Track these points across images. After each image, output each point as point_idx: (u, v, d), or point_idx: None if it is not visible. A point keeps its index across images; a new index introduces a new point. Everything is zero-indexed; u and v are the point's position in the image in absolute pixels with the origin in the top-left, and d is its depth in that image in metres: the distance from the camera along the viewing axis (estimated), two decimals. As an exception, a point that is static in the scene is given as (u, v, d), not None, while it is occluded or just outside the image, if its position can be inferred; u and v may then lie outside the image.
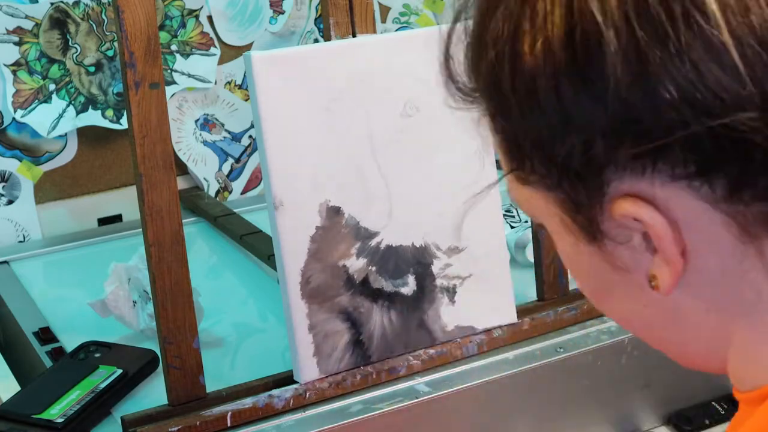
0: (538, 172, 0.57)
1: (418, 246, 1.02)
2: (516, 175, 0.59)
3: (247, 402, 0.95)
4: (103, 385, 1.00)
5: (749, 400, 0.58)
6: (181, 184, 1.58)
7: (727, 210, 0.53)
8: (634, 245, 0.56)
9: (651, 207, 0.54)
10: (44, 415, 0.96)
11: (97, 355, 1.06)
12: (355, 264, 0.98)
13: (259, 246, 1.33)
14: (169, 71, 1.53)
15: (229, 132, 1.61)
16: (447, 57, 0.62)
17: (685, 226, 0.54)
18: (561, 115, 0.53)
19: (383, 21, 1.70)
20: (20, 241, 1.49)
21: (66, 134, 1.49)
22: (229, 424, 0.94)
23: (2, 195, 1.47)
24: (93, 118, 1.49)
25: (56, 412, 0.96)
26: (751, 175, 0.52)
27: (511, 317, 1.08)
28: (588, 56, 0.51)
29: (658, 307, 0.59)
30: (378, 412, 0.96)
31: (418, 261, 1.02)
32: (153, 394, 1.02)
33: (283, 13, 1.62)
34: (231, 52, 1.59)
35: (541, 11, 0.53)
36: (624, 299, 0.61)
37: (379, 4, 1.69)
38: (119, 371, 1.02)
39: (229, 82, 1.60)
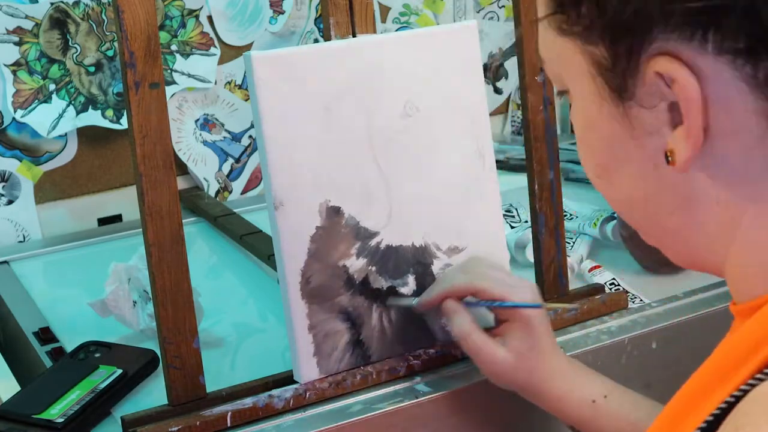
0: (583, 21, 0.57)
1: (418, 246, 1.02)
2: (557, 21, 0.59)
3: (247, 402, 0.95)
4: (103, 385, 1.00)
5: (743, 312, 0.59)
6: (181, 184, 1.58)
7: (765, 97, 0.53)
8: (659, 113, 0.56)
9: (688, 70, 0.53)
10: (44, 415, 0.96)
11: (97, 355, 1.06)
12: (355, 264, 0.98)
13: (259, 246, 1.33)
14: (169, 71, 1.53)
15: (229, 132, 1.61)
16: None
17: (715, 104, 0.54)
18: None
19: (383, 21, 1.70)
20: (20, 241, 1.49)
21: (66, 134, 1.49)
22: (229, 424, 0.94)
23: (2, 195, 1.47)
24: (93, 118, 1.49)
25: (56, 412, 0.96)
26: None
27: (511, 317, 1.07)
28: None
29: (667, 188, 0.59)
30: (378, 412, 0.96)
31: (418, 261, 1.02)
32: (153, 394, 1.02)
33: (283, 13, 1.62)
34: (231, 52, 1.59)
35: None
36: (634, 176, 0.60)
37: (379, 4, 1.69)
38: (119, 371, 1.03)
39: (229, 82, 1.60)
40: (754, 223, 0.58)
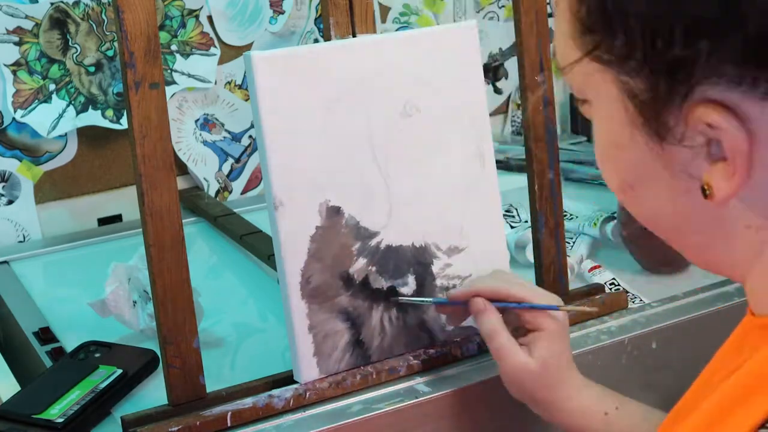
0: (618, 51, 0.55)
1: (418, 246, 1.02)
2: (585, 44, 0.57)
3: (247, 402, 0.95)
4: (103, 385, 1.00)
5: (766, 326, 0.58)
6: (181, 184, 1.58)
7: None
8: (696, 149, 0.55)
9: (735, 118, 0.52)
10: (44, 415, 0.96)
11: (97, 355, 1.06)
12: (355, 264, 0.98)
13: (259, 246, 1.33)
14: (169, 71, 1.53)
15: (229, 132, 1.61)
16: None
17: (760, 143, 0.53)
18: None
19: (383, 21, 1.70)
20: (20, 241, 1.49)
21: (66, 134, 1.49)
22: (229, 424, 0.94)
23: (2, 195, 1.47)
24: (93, 118, 1.49)
25: (56, 412, 0.96)
26: None
27: (511, 317, 1.07)
28: None
29: (698, 211, 0.58)
30: (378, 412, 0.96)
31: (418, 261, 1.02)
32: (153, 394, 1.02)
33: (283, 13, 1.62)
34: (231, 52, 1.59)
35: None
36: (662, 196, 0.59)
37: (379, 4, 1.69)
38: (119, 371, 1.03)
39: (229, 82, 1.60)
40: None
